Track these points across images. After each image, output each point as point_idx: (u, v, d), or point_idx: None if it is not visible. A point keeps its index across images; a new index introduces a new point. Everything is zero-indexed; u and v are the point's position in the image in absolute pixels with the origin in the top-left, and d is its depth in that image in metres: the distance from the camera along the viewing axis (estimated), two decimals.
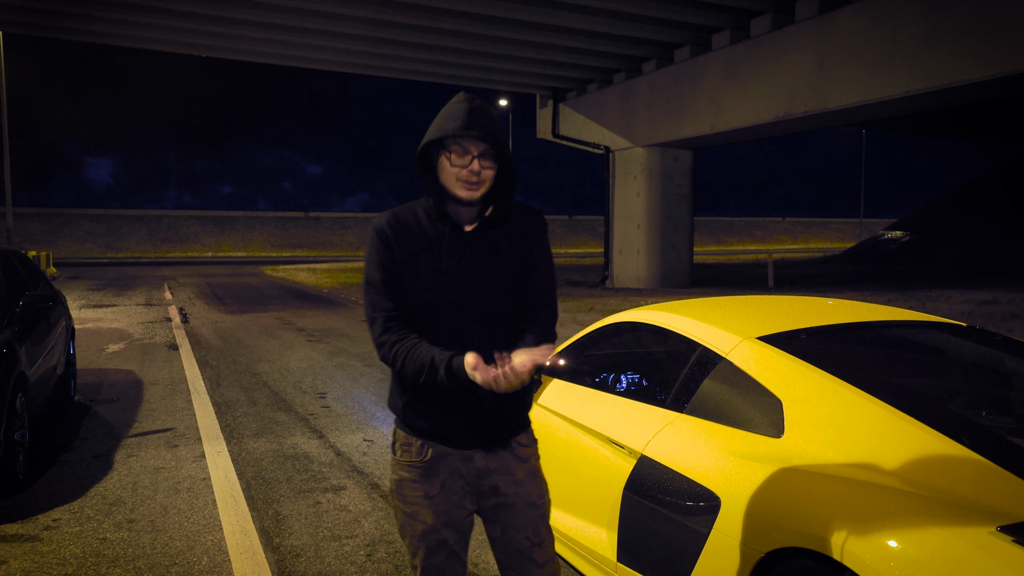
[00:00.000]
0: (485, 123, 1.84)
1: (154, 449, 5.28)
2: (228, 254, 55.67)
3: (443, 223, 1.92)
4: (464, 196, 1.87)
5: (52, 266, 30.42)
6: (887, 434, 2.13)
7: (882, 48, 13.52)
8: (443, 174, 1.89)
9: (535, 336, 1.93)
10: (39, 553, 3.55)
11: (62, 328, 6.44)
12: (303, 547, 3.63)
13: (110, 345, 10.36)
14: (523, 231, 1.98)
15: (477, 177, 1.85)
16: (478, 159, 1.85)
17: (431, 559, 1.96)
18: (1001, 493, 1.83)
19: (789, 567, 2.03)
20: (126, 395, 7.07)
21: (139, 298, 18.54)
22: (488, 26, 16.72)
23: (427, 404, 1.92)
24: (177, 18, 16.40)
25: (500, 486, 1.97)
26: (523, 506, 1.98)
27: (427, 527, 1.94)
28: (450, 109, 1.88)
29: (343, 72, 22.17)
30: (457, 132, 1.81)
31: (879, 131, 39.05)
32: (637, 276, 20.50)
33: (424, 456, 1.95)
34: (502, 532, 1.99)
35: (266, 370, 8.41)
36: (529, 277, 1.97)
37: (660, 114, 19.08)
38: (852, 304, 3.29)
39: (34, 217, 57.73)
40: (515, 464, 1.99)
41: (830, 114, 15.15)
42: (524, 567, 1.99)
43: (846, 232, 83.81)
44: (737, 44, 16.72)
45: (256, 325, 12.77)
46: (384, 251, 1.91)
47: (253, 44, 18.60)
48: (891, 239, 36.31)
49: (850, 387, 2.30)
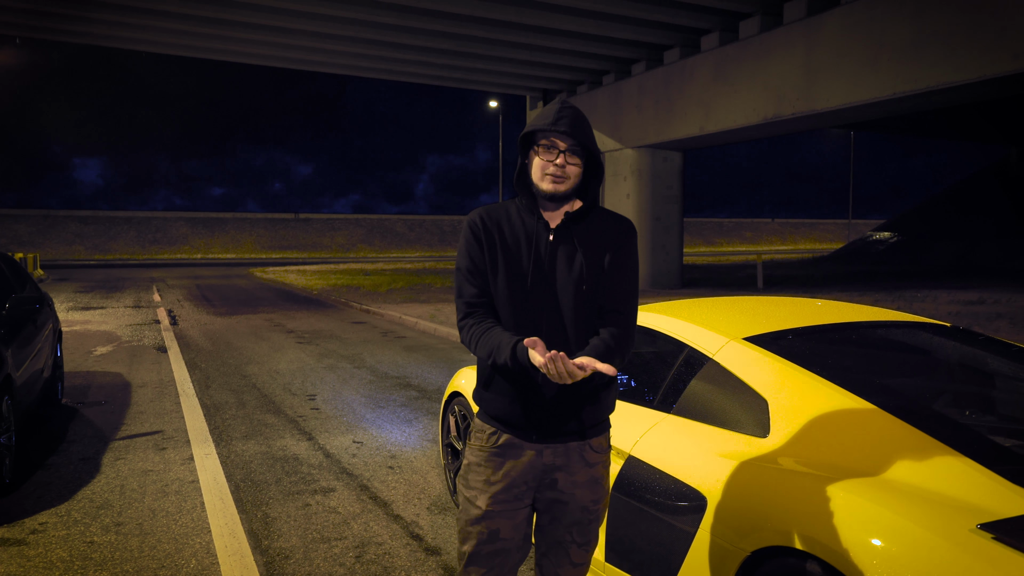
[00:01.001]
0: (574, 121, 1.92)
1: (142, 452, 5.26)
2: (217, 256, 55.45)
3: (531, 219, 2.01)
4: (548, 189, 1.94)
5: (39, 268, 30.22)
6: (871, 433, 2.15)
7: (869, 50, 13.61)
8: (533, 169, 1.98)
9: (605, 339, 1.93)
10: (25, 557, 3.53)
11: (49, 331, 6.40)
12: (292, 549, 3.62)
13: (98, 347, 10.30)
14: (609, 236, 2.02)
15: (562, 171, 1.93)
16: (564, 154, 1.92)
17: (480, 547, 1.99)
18: (982, 491, 1.85)
19: (774, 566, 2.04)
20: (114, 398, 7.04)
21: (127, 300, 18.45)
22: (478, 28, 16.74)
23: (497, 391, 2.00)
24: (170, 19, 16.36)
25: (559, 482, 2.01)
26: (575, 507, 2.02)
27: (482, 513, 1.98)
28: (545, 108, 1.98)
29: (334, 73, 22.15)
30: (546, 127, 1.91)
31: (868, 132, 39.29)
32: None
33: (495, 442, 2.01)
34: (549, 522, 2.05)
35: (255, 372, 8.39)
36: (609, 281, 1.99)
37: (650, 116, 19.15)
38: (838, 305, 3.31)
39: (21, 219, 57.35)
40: (579, 466, 2.01)
41: (818, 116, 15.24)
42: (558, 559, 2.06)
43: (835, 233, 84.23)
44: (726, 46, 16.80)
45: (245, 327, 12.72)
46: (473, 243, 2.01)
47: (244, 45, 18.57)
48: (879, 240, 36.53)
49: (835, 387, 2.32)
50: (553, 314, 1.97)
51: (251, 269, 36.14)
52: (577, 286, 1.96)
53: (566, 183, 1.95)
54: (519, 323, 1.97)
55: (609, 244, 2.00)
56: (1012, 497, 1.81)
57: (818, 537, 1.89)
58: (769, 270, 27.61)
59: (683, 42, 17.98)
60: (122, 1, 15.02)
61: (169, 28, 16.99)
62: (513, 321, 1.98)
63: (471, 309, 2.00)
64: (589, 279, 1.97)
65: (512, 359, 1.84)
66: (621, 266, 2.01)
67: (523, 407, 1.96)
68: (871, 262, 31.77)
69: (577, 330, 1.97)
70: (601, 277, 1.99)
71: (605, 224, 2.03)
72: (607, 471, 2.08)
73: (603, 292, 1.99)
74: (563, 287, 1.97)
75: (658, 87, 18.81)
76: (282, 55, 19.56)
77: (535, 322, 1.96)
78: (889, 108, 14.79)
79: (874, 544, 1.77)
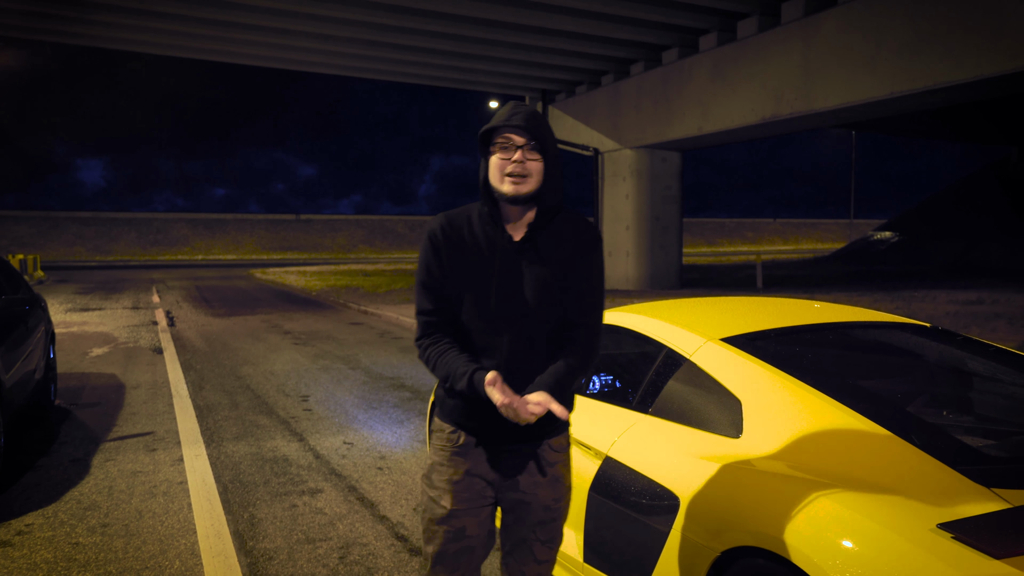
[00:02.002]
0: (529, 117, 1.87)
1: (132, 453, 5.27)
2: (219, 257, 55.51)
3: (493, 229, 1.95)
4: (508, 191, 1.87)
5: (40, 269, 30.28)
6: (841, 434, 2.15)
7: (866, 50, 13.60)
8: (491, 171, 1.90)
9: (562, 369, 1.90)
10: (9, 558, 3.54)
11: (41, 332, 6.41)
12: (276, 550, 3.62)
13: (94, 349, 10.32)
14: (576, 244, 1.96)
15: (522, 168, 1.86)
16: (522, 149, 1.86)
17: (446, 546, 1.99)
18: (946, 490, 1.85)
19: (743, 566, 2.04)
20: (107, 399, 7.05)
21: (126, 301, 18.48)
22: (477, 28, 16.75)
23: (459, 397, 1.97)
24: (168, 21, 16.38)
25: (521, 483, 2.01)
26: (537, 506, 2.02)
27: (447, 512, 1.98)
28: (499, 110, 1.94)
29: (331, 75, 22.17)
30: (500, 124, 1.86)
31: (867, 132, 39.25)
32: (627, 278, 20.54)
33: (456, 442, 2.00)
34: (513, 521, 2.05)
35: (250, 373, 8.40)
36: (574, 292, 1.95)
37: (648, 116, 19.14)
38: (820, 305, 3.31)
39: (22, 220, 57.47)
40: (541, 466, 2.02)
41: (816, 115, 15.23)
42: (523, 557, 2.05)
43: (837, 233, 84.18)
44: (724, 46, 16.79)
45: (243, 328, 12.74)
46: (432, 255, 1.95)
47: (242, 47, 18.59)
48: (880, 240, 36.49)
49: (808, 388, 2.32)
50: (516, 330, 1.93)
51: (251, 270, 36.18)
52: (541, 303, 1.92)
53: (527, 183, 1.87)
54: (481, 340, 1.94)
55: (575, 254, 1.95)
56: (975, 497, 1.81)
57: (784, 537, 1.90)
58: (769, 270, 27.60)
59: (681, 42, 17.98)
60: (120, 3, 15.05)
61: (167, 29, 17.00)
62: (475, 338, 1.94)
63: (429, 329, 1.97)
64: (554, 295, 1.93)
65: (469, 388, 1.84)
66: (587, 276, 1.96)
67: (488, 417, 1.92)
68: (872, 262, 31.74)
69: (541, 346, 1.94)
70: (567, 289, 1.95)
71: (570, 232, 1.97)
72: (567, 469, 2.08)
73: (569, 304, 1.95)
74: (527, 303, 1.92)
75: (656, 87, 18.80)
76: (281, 56, 19.58)
77: (497, 339, 1.93)
78: (887, 108, 14.78)
79: (837, 544, 1.77)
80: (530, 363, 1.93)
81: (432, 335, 1.96)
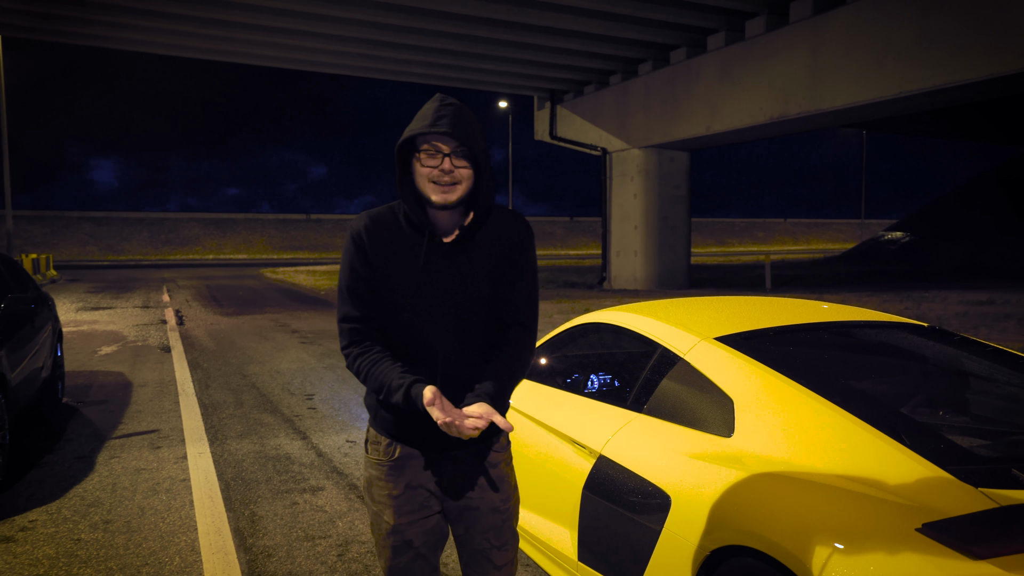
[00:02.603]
0: (456, 121, 1.74)
1: (137, 450, 5.31)
2: (229, 256, 55.75)
3: (420, 234, 1.84)
4: (437, 200, 1.77)
5: (52, 269, 30.51)
6: (831, 434, 2.14)
7: (875, 49, 13.53)
8: (417, 178, 1.80)
9: (507, 362, 1.86)
10: (12, 554, 3.57)
11: (48, 331, 6.47)
12: (275, 547, 3.65)
13: (103, 347, 10.39)
14: (506, 241, 1.88)
15: (449, 176, 1.76)
16: (450, 158, 1.76)
17: (396, 559, 1.95)
18: (934, 490, 1.85)
19: (732, 565, 2.04)
20: (114, 397, 7.10)
21: (137, 300, 18.60)
22: (485, 28, 16.76)
23: (394, 409, 1.88)
24: (173, 21, 16.46)
25: (465, 490, 1.94)
26: (486, 510, 1.95)
27: (391, 527, 1.93)
28: (422, 110, 1.80)
29: (340, 75, 22.24)
30: (424, 130, 1.73)
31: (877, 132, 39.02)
32: (635, 277, 20.51)
33: (392, 455, 1.92)
34: (464, 531, 1.98)
35: (256, 372, 8.44)
36: (507, 291, 1.89)
37: (656, 115, 19.11)
38: (817, 304, 3.30)
39: (35, 220, 57.89)
40: (483, 469, 1.95)
41: (824, 115, 15.16)
42: (482, 567, 1.98)
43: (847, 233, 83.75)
44: (732, 45, 16.74)
45: (251, 327, 12.80)
46: (358, 258, 1.85)
47: (248, 47, 18.66)
48: (891, 240, 36.29)
49: (799, 387, 2.32)
50: (450, 337, 1.85)
51: (262, 270, 36.34)
52: (475, 307, 1.85)
53: (456, 190, 1.77)
54: (413, 348, 1.86)
55: (506, 252, 1.88)
56: (962, 497, 1.81)
57: (772, 537, 1.90)
58: (779, 270, 27.49)
59: (689, 42, 17.94)
60: (124, 3, 15.14)
61: (172, 30, 17.08)
62: (406, 345, 1.86)
63: (356, 336, 1.85)
64: (488, 298, 1.86)
65: (406, 402, 1.73)
66: (521, 275, 1.90)
67: (425, 427, 1.81)
68: (882, 262, 31.57)
69: (477, 351, 1.87)
70: (500, 289, 1.88)
71: (500, 229, 1.89)
72: (511, 468, 2.02)
73: (503, 303, 1.89)
74: (460, 308, 1.84)
75: (664, 87, 18.77)
76: (288, 56, 19.64)
77: (431, 346, 1.85)
78: (895, 108, 14.70)
79: (823, 544, 1.77)
80: (467, 369, 1.85)
81: (361, 343, 1.85)
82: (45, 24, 17.09)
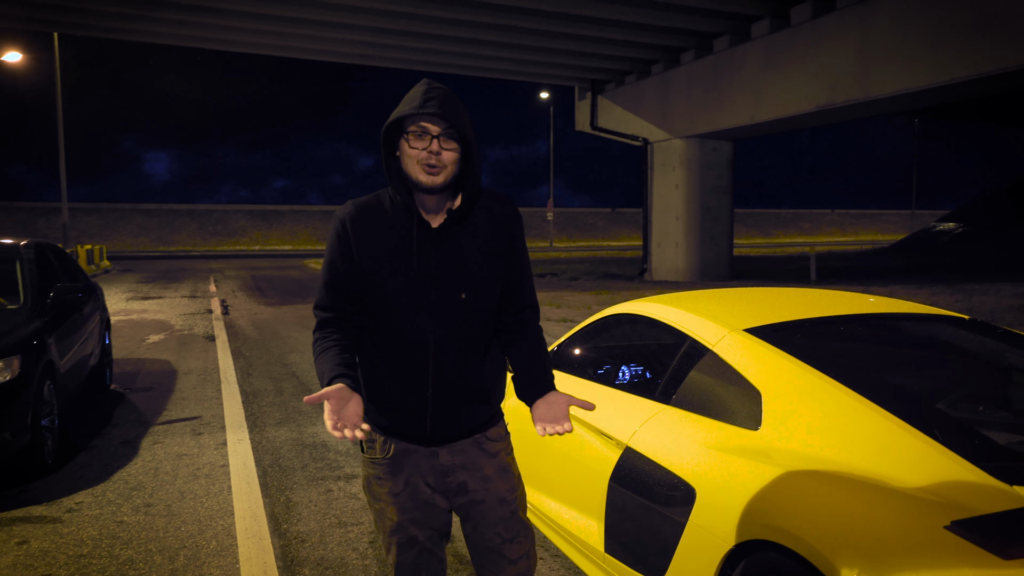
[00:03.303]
0: (444, 103, 1.74)
1: (179, 436, 5.44)
2: (275, 247, 56.70)
3: (408, 218, 1.82)
4: (425, 181, 1.76)
5: (106, 259, 31.38)
6: (860, 428, 2.10)
7: (927, 34, 13.13)
8: (405, 160, 1.78)
9: (536, 342, 1.90)
10: (58, 534, 3.70)
11: (96, 320, 6.66)
12: (309, 533, 3.71)
13: (151, 336, 10.67)
14: (495, 227, 1.87)
15: (437, 159, 1.74)
16: (438, 139, 1.75)
17: (403, 556, 1.93)
18: (965, 488, 1.80)
19: (756, 560, 2.02)
20: (160, 384, 7.29)
21: (185, 290, 19.03)
22: (527, 19, 16.71)
23: (383, 403, 1.87)
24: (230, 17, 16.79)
25: (468, 483, 1.91)
26: (492, 503, 1.92)
27: (394, 524, 1.91)
28: (409, 94, 1.79)
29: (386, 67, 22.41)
30: (413, 111, 1.73)
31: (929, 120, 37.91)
32: (676, 269, 20.31)
33: (387, 453, 1.90)
34: (473, 529, 1.95)
35: (296, 360, 8.58)
36: (511, 276, 1.89)
37: (699, 105, 18.85)
38: (854, 296, 3.23)
39: (91, 212, 59.55)
40: (483, 460, 1.92)
41: (872, 103, 14.79)
42: (495, 563, 1.94)
43: (898, 224, 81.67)
44: (777, 32, 16.42)
45: (293, 317, 13.01)
46: (339, 247, 1.84)
47: (301, 41, 18.95)
48: (943, 231, 35.30)
49: (829, 380, 2.27)
50: (442, 325, 1.82)
51: (305, 260, 36.86)
52: (468, 293, 1.83)
53: (443, 173, 1.76)
54: (405, 338, 1.83)
55: (497, 236, 1.87)
56: (994, 495, 1.75)
57: (796, 532, 1.86)
58: (825, 262, 26.94)
59: (733, 30, 17.64)
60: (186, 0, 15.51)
61: (229, 26, 17.43)
62: (397, 335, 1.83)
63: (321, 325, 1.87)
64: (479, 279, 1.84)
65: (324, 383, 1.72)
66: (519, 258, 1.91)
67: (417, 418, 1.84)
68: (933, 254, 30.73)
69: (471, 340, 1.86)
70: (493, 274, 1.86)
71: (488, 213, 1.88)
72: (512, 458, 1.99)
73: (511, 287, 1.90)
74: (451, 295, 1.81)
75: (707, 76, 18.50)
76: (334, 50, 19.85)
77: (422, 336, 1.82)
78: (948, 94, 14.27)
79: (846, 541, 1.73)
80: (461, 358, 1.84)
81: (323, 329, 1.86)
82: (99, 22, 17.55)
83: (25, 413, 4.33)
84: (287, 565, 3.35)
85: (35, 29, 19.97)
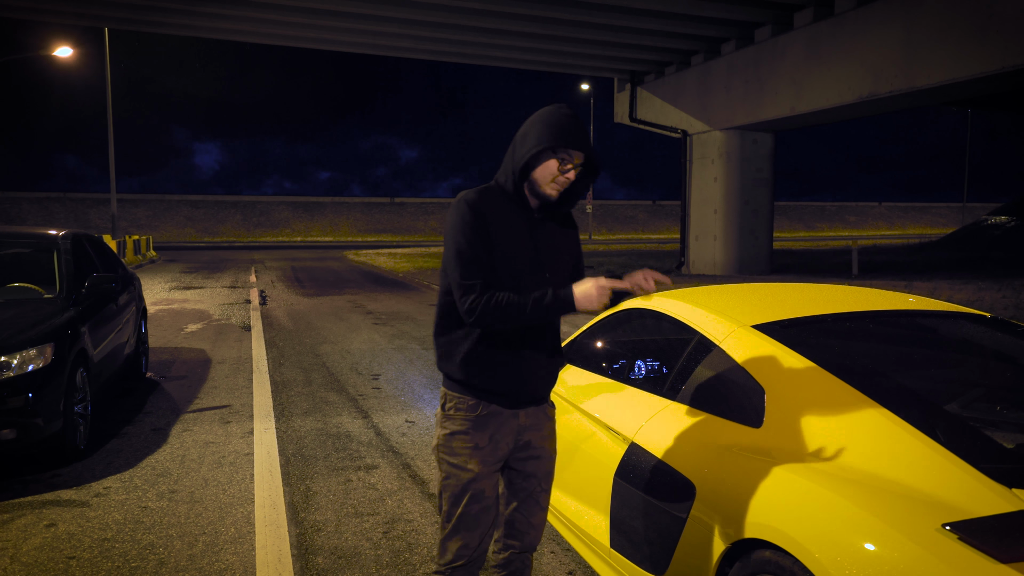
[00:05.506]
0: (586, 137, 2.10)
1: (208, 424, 5.56)
2: (316, 238, 57.46)
3: (523, 208, 2.15)
4: (552, 194, 2.11)
5: (152, 250, 32.15)
6: (860, 427, 2.05)
7: (976, 21, 12.72)
8: (541, 170, 2.09)
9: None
10: (85, 518, 3.81)
11: (133, 309, 6.82)
12: (325, 522, 3.76)
13: (189, 325, 10.90)
14: (566, 216, 2.28)
15: (568, 182, 2.11)
16: (576, 170, 2.10)
17: (470, 507, 2.13)
18: (963, 489, 1.75)
19: (751, 558, 1.99)
20: (194, 372, 7.45)
21: (226, 280, 19.40)
22: (567, 10, 16.61)
23: (484, 366, 2.11)
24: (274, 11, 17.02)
25: (533, 441, 2.23)
26: (547, 458, 2.27)
27: (472, 476, 2.12)
28: (559, 119, 2.08)
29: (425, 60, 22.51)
30: (571, 139, 2.05)
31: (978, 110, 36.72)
32: (714, 262, 20.06)
33: (479, 412, 2.14)
34: (524, 479, 2.25)
35: (327, 351, 8.69)
36: (579, 260, 2.32)
37: (739, 96, 18.55)
38: (871, 292, 3.15)
39: (140, 203, 61.05)
40: (544, 421, 2.26)
41: (918, 93, 14.38)
42: (531, 509, 2.27)
43: (948, 217, 79.50)
44: (820, 22, 16.06)
45: (328, 308, 13.18)
46: (477, 225, 2.06)
47: (343, 35, 19.14)
48: (995, 224, 34.21)
49: (831, 377, 2.23)
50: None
51: (345, 252, 37.30)
52: (564, 269, 2.22)
53: (562, 189, 2.13)
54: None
55: (569, 224, 2.29)
56: (992, 497, 1.70)
57: (788, 532, 1.84)
58: (869, 256, 26.36)
59: (775, 19, 17.29)
60: None
61: (274, 20, 17.68)
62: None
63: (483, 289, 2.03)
64: (568, 260, 2.24)
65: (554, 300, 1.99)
66: (580, 247, 2.33)
67: (519, 377, 2.13)
68: (983, 248, 29.81)
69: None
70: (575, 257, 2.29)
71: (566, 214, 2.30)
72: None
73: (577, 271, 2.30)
74: (554, 270, 2.17)
75: (748, 66, 18.19)
76: (376, 43, 19.98)
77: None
78: (999, 84, 13.82)
79: (839, 541, 1.70)
80: (555, 330, 2.22)
81: (486, 292, 2.03)
82: (149, 16, 17.94)
83: (57, 400, 4.46)
84: (301, 553, 3.41)
85: (85, 24, 20.48)
